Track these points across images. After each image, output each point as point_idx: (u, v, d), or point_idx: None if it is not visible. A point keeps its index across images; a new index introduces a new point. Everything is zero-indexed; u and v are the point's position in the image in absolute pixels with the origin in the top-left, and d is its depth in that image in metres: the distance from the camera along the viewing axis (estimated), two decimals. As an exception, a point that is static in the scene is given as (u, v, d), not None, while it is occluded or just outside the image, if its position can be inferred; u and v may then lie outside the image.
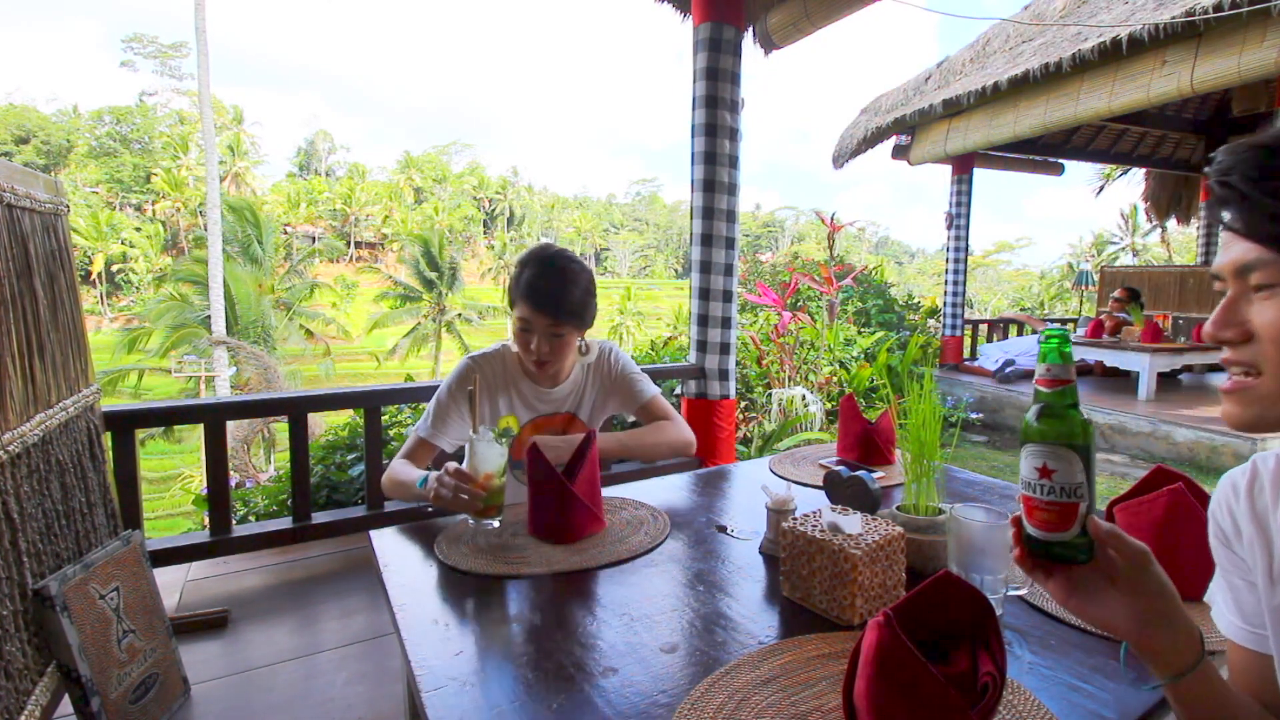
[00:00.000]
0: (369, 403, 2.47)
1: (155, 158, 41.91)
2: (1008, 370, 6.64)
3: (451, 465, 1.21)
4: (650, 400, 1.62)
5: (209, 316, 14.74)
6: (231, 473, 2.49)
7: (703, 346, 2.95)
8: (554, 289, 1.41)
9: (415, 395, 2.79)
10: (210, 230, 14.16)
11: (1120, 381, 6.51)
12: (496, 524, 1.24)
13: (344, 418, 3.25)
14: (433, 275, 27.19)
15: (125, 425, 2.06)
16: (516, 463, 1.52)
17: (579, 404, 1.61)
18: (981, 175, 7.27)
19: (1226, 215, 0.57)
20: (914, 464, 1.05)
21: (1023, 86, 5.26)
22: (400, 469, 1.42)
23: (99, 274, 34.78)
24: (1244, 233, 0.55)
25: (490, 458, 1.21)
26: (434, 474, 1.28)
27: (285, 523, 2.38)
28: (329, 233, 45.37)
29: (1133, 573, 0.62)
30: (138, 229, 36.97)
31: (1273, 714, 0.64)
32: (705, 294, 2.91)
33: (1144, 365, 5.62)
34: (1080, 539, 0.62)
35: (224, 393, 13.53)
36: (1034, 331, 8.05)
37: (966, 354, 7.73)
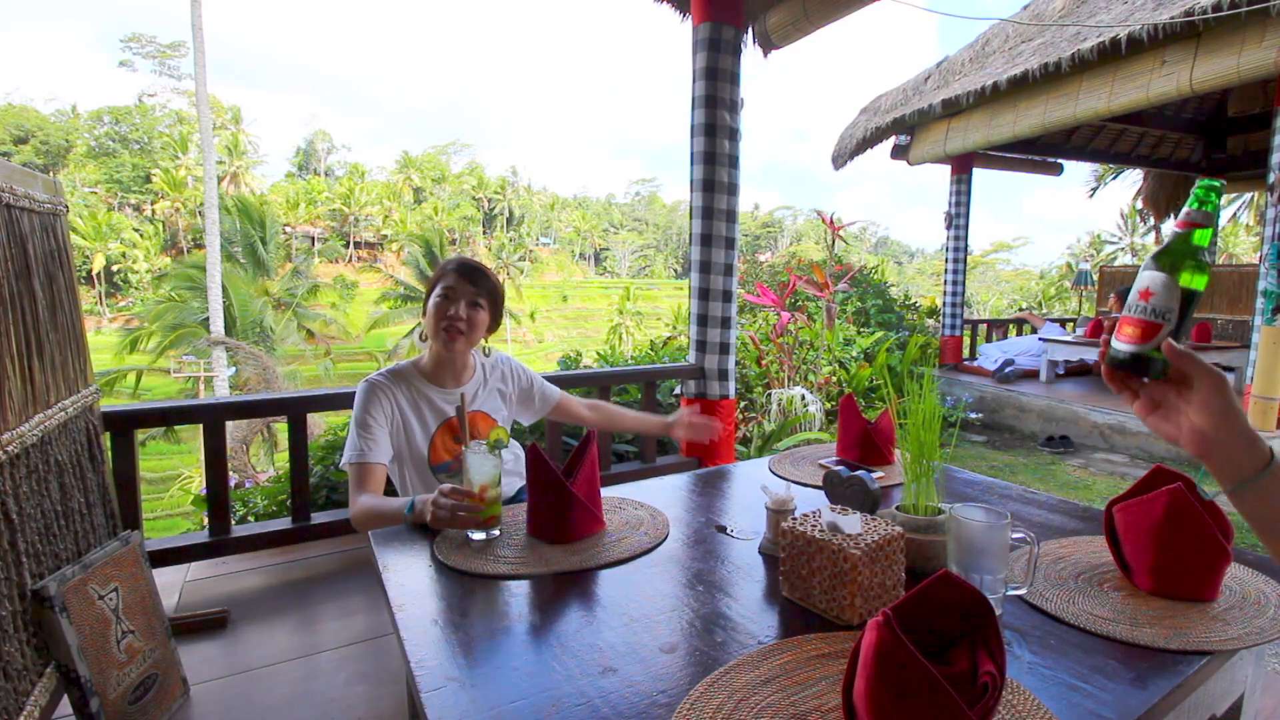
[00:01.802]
0: (368, 403, 2.46)
1: (154, 158, 41.88)
2: (1007, 370, 6.64)
3: (445, 486, 1.21)
4: (561, 397, 1.85)
5: (208, 317, 14.74)
6: (231, 473, 2.49)
7: (702, 346, 2.95)
8: (478, 266, 1.63)
9: (415, 395, 2.79)
10: (208, 230, 14.16)
11: (1119, 381, 6.51)
12: (498, 533, 1.24)
13: (343, 418, 3.25)
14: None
15: (124, 425, 2.05)
16: (436, 468, 1.60)
17: (485, 401, 1.70)
18: (981, 175, 7.27)
19: None
20: (913, 464, 1.05)
21: (1022, 86, 5.27)
22: (371, 503, 1.40)
23: (98, 274, 34.75)
24: None
25: (484, 469, 1.22)
26: (421, 497, 1.27)
27: (285, 523, 2.38)
28: (328, 233, 45.35)
29: (1206, 394, 0.66)
30: (137, 229, 36.94)
31: None
32: (705, 294, 2.91)
33: (1143, 365, 5.61)
34: (1156, 353, 0.67)
35: (223, 393, 13.52)
36: (1033, 330, 8.05)
37: (966, 354, 7.73)
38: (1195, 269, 0.67)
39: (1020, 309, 9.26)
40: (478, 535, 1.23)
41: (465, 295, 1.57)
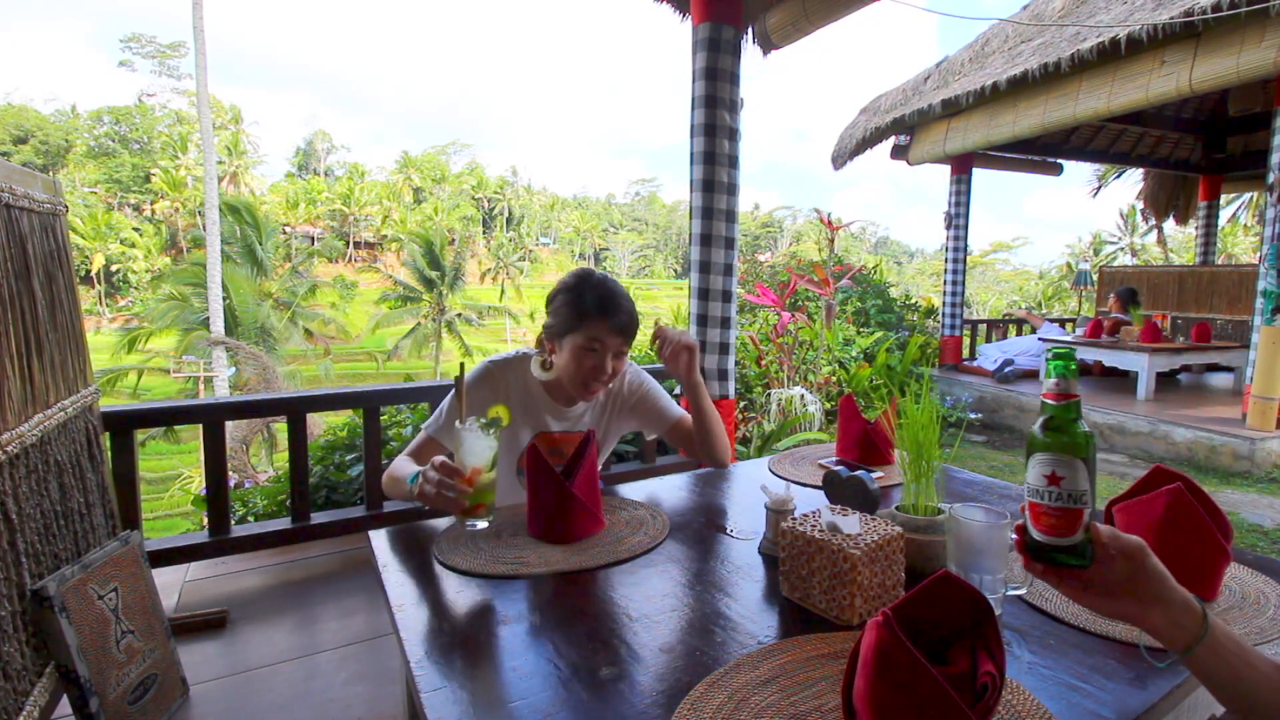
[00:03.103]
0: (368, 403, 2.47)
1: (154, 158, 41.87)
2: (1007, 370, 6.64)
3: (438, 458, 1.13)
4: (678, 420, 1.59)
5: (208, 317, 14.75)
6: (230, 473, 2.49)
7: (702, 346, 2.94)
8: (627, 310, 1.41)
9: (414, 396, 2.79)
10: (208, 230, 14.17)
11: (1119, 381, 6.51)
12: (483, 524, 1.18)
13: (343, 418, 3.25)
14: (433, 275, 27.19)
15: (124, 426, 2.05)
16: (521, 470, 1.46)
17: (595, 422, 1.57)
18: (980, 175, 7.28)
19: None
20: (913, 464, 1.05)
21: (1022, 86, 5.27)
22: (400, 465, 1.36)
23: (98, 274, 34.74)
24: None
25: (477, 450, 1.14)
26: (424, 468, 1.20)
27: (284, 523, 2.38)
28: (328, 233, 45.35)
29: (1131, 566, 0.67)
30: (137, 229, 36.94)
31: None
32: (704, 294, 2.91)
33: (1143, 365, 5.62)
34: (1083, 542, 0.67)
35: (223, 393, 13.52)
36: (1033, 330, 8.05)
37: (965, 354, 7.74)
38: (1085, 436, 0.68)
39: (1020, 309, 9.25)
40: (466, 523, 1.17)
41: (613, 348, 1.40)
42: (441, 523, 1.26)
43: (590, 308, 1.38)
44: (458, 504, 1.13)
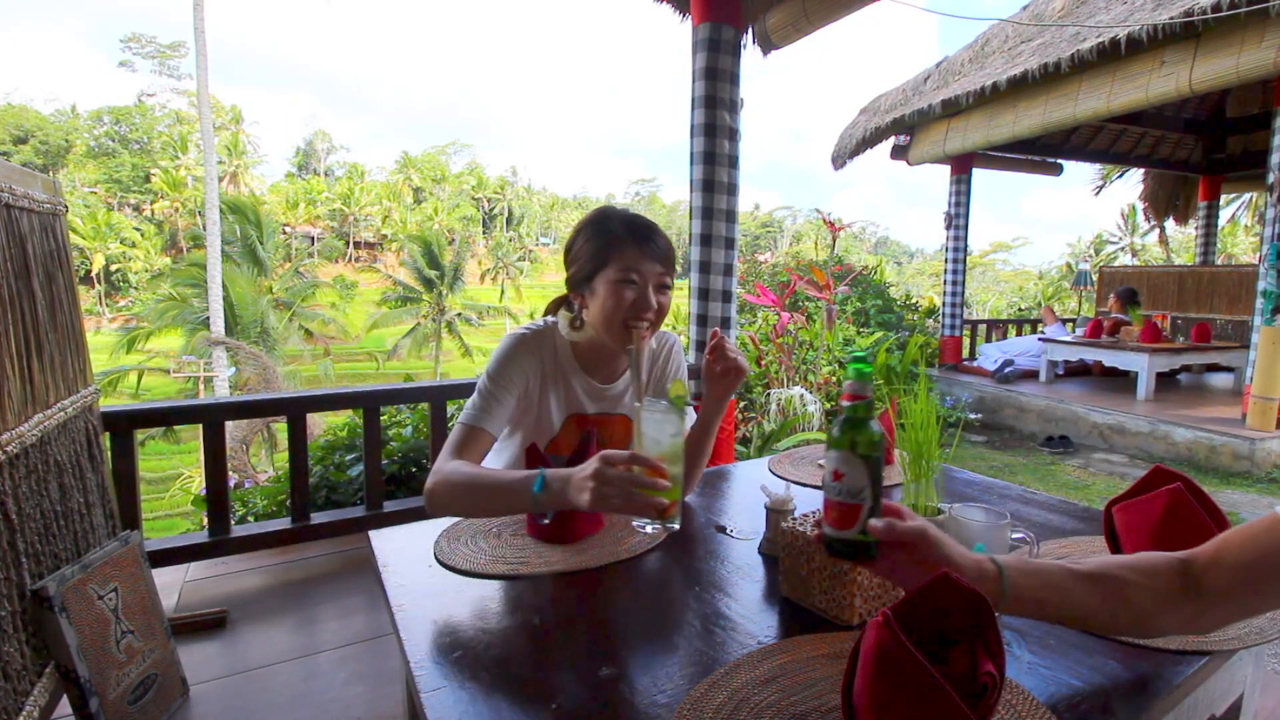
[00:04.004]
0: (368, 403, 2.47)
1: (154, 158, 41.89)
2: (1007, 370, 6.64)
3: (614, 452, 0.90)
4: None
5: (208, 316, 14.75)
6: (230, 473, 2.49)
7: (702, 347, 2.94)
8: (664, 235, 1.22)
9: (414, 395, 2.79)
10: (209, 230, 14.18)
11: (1119, 381, 6.52)
12: (677, 526, 0.99)
13: (343, 418, 3.25)
14: (433, 275, 27.19)
15: (124, 426, 2.05)
16: (555, 458, 1.24)
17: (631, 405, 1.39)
18: (980, 175, 7.28)
19: None
20: (913, 464, 1.05)
21: (1022, 87, 5.27)
22: (469, 470, 1.09)
23: (98, 274, 34.75)
24: None
25: (666, 434, 0.93)
26: (558, 471, 0.97)
27: (284, 523, 2.38)
28: (328, 233, 45.35)
29: (918, 550, 0.72)
30: (137, 229, 36.94)
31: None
32: (704, 294, 2.91)
33: (1143, 365, 5.62)
34: (863, 537, 0.73)
35: (223, 393, 13.52)
36: (1033, 331, 8.05)
37: (965, 354, 7.74)
38: (870, 438, 0.73)
39: (1042, 306, 9.21)
40: (650, 526, 0.99)
41: (653, 277, 1.21)
42: (442, 523, 1.26)
43: (620, 234, 1.20)
44: (654, 504, 0.89)
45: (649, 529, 1.01)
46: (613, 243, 1.21)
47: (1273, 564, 0.71)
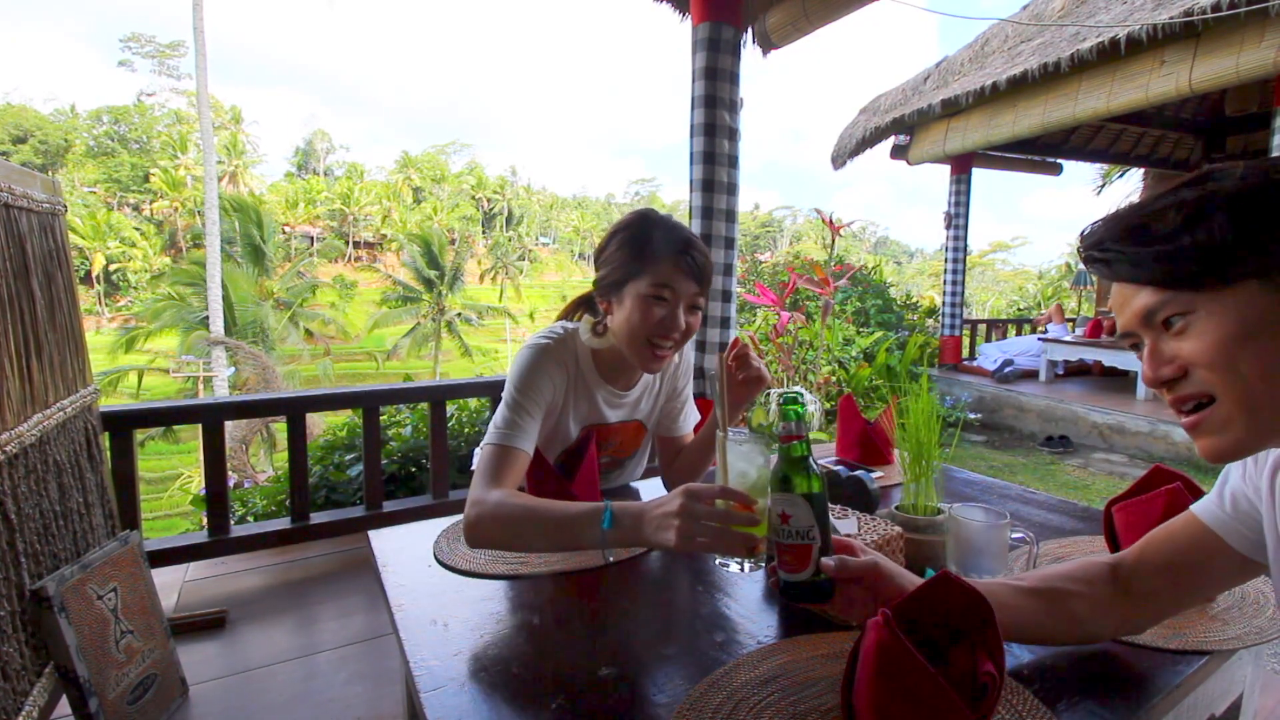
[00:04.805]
0: (367, 403, 2.47)
1: (153, 157, 41.88)
2: (1006, 370, 6.65)
3: (700, 486, 0.83)
4: (685, 435, 1.40)
5: (207, 316, 14.75)
6: (230, 473, 2.49)
7: (701, 346, 2.94)
8: (703, 251, 1.16)
9: (414, 395, 2.79)
10: (208, 230, 14.18)
11: (1119, 381, 6.52)
12: (764, 564, 0.90)
13: (342, 418, 3.25)
14: (433, 275, 27.19)
15: (123, 425, 2.05)
16: None
17: (650, 409, 1.37)
18: (980, 175, 7.28)
19: (1114, 275, 0.64)
20: (913, 464, 1.05)
21: (1021, 86, 5.27)
22: (521, 504, 0.98)
23: (98, 274, 34.74)
24: (1139, 281, 0.62)
25: (753, 467, 0.87)
26: (628, 505, 0.88)
27: (284, 523, 2.38)
28: (328, 233, 45.34)
29: (873, 582, 0.73)
30: (137, 229, 36.93)
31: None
32: (704, 294, 2.90)
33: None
34: (818, 576, 0.73)
35: (222, 393, 13.51)
36: (1033, 331, 8.05)
37: (965, 354, 7.74)
38: (808, 476, 0.73)
39: (1051, 305, 9.21)
40: (737, 564, 0.92)
41: (686, 297, 1.15)
42: (443, 522, 1.26)
43: (658, 246, 1.13)
44: (747, 541, 0.80)
45: (734, 567, 0.95)
46: (648, 253, 1.14)
47: (1189, 561, 0.74)
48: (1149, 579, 0.76)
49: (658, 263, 1.13)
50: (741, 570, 0.97)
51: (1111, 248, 0.62)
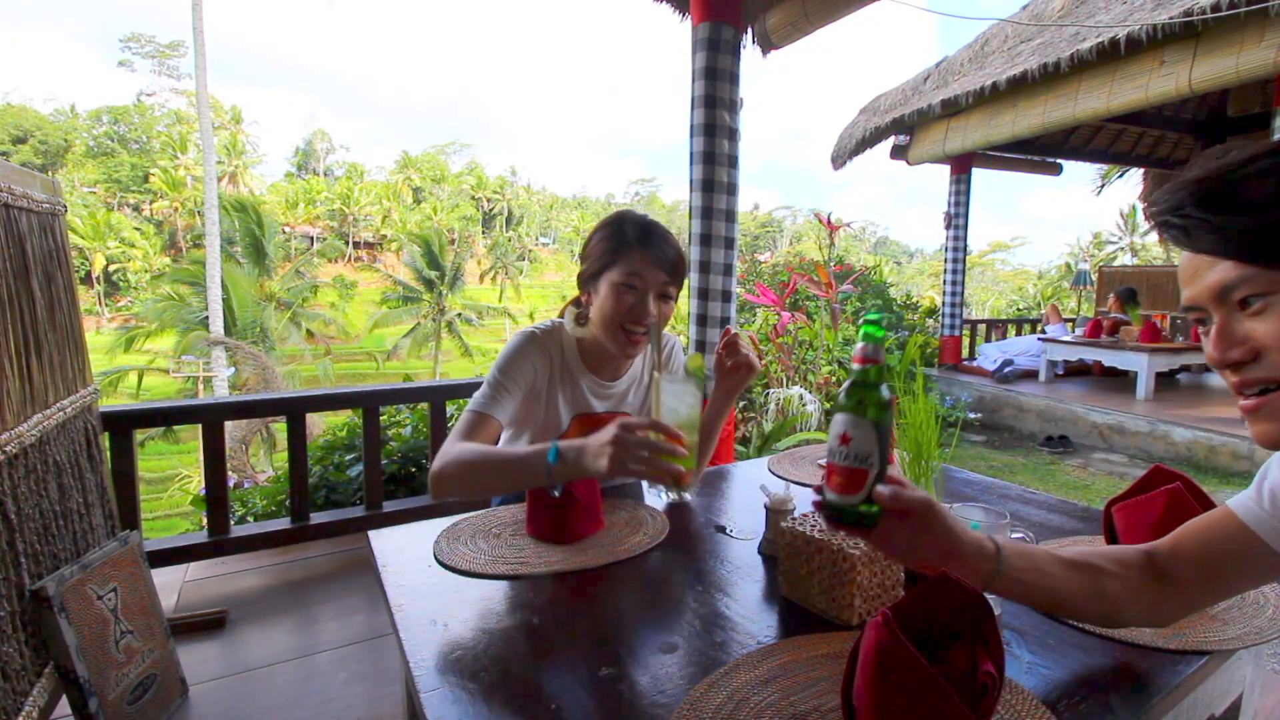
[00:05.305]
0: (367, 403, 2.47)
1: (153, 158, 41.87)
2: (1006, 370, 6.64)
3: (635, 419, 0.94)
4: None
5: (207, 316, 14.75)
6: (230, 473, 2.49)
7: (701, 346, 2.94)
8: (674, 246, 1.26)
9: (414, 395, 2.79)
10: (208, 230, 14.18)
11: (1119, 381, 6.52)
12: (690, 496, 1.03)
13: (342, 418, 3.25)
14: (433, 275, 27.18)
15: (123, 426, 2.05)
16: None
17: (636, 406, 1.42)
18: (980, 175, 7.28)
19: (1192, 244, 0.59)
20: (912, 464, 1.05)
21: (1021, 87, 5.27)
22: (479, 449, 1.11)
23: (98, 274, 34.73)
24: (1219, 254, 0.57)
25: (684, 403, 0.96)
26: (572, 442, 0.99)
27: (284, 523, 2.38)
28: (327, 233, 45.33)
29: (922, 521, 0.71)
30: (136, 229, 36.92)
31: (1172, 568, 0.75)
32: (704, 294, 2.91)
33: (1142, 365, 5.63)
34: (868, 504, 0.70)
35: (222, 393, 13.51)
36: (1033, 331, 8.05)
37: (965, 354, 7.74)
38: (879, 402, 0.70)
39: (1049, 304, 9.21)
40: (665, 494, 1.01)
41: (654, 285, 1.23)
42: (443, 522, 1.26)
43: (630, 239, 1.24)
44: (672, 471, 0.92)
45: (663, 496, 1.04)
46: (622, 245, 1.24)
47: (1222, 556, 0.73)
48: (1182, 569, 0.74)
49: (629, 253, 1.23)
50: (668, 498, 1.05)
51: (1193, 214, 0.56)
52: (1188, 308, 0.62)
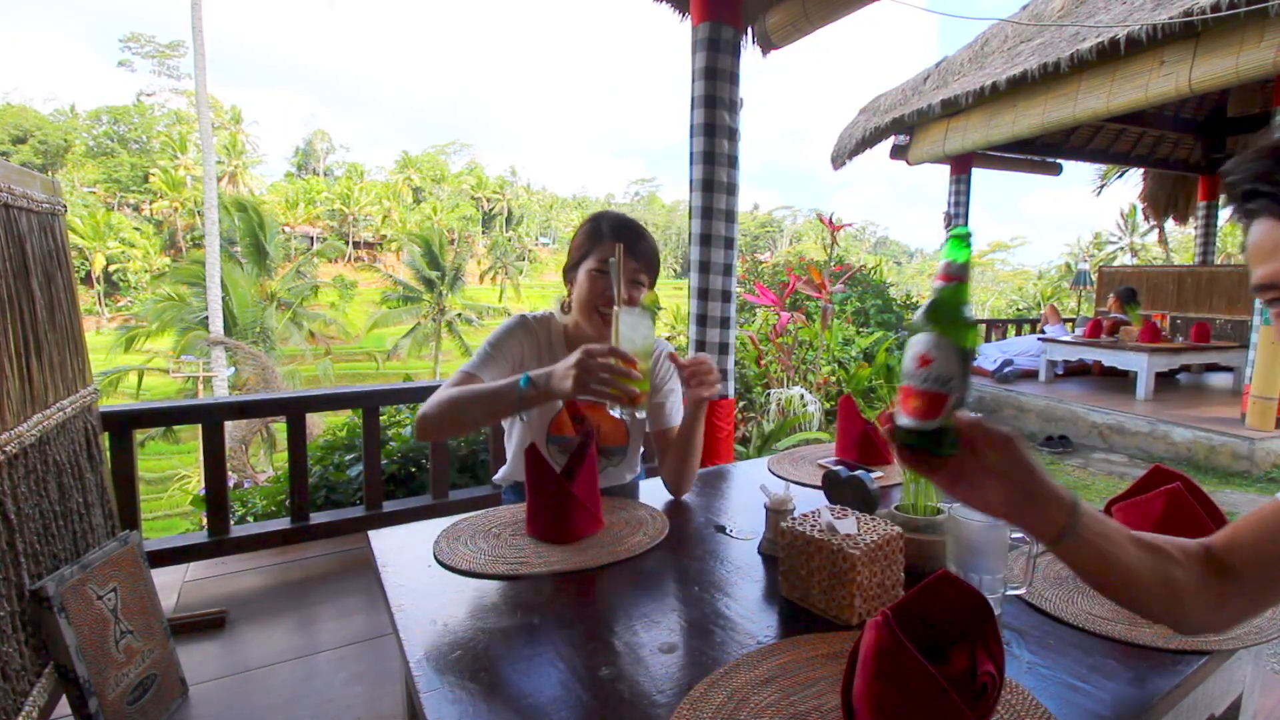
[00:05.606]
0: (367, 403, 2.47)
1: (153, 158, 41.86)
2: (1006, 370, 6.64)
3: (594, 346, 1.06)
4: (674, 428, 1.45)
5: (207, 316, 14.75)
6: (230, 473, 2.49)
7: (701, 346, 2.94)
8: (647, 238, 1.39)
9: (414, 395, 2.79)
10: (207, 230, 14.18)
11: (1118, 381, 6.52)
12: (644, 415, 1.12)
13: (342, 418, 3.25)
14: (433, 275, 27.17)
15: (123, 426, 2.05)
16: (554, 437, 1.41)
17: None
18: (980, 175, 7.28)
19: (1276, 214, 0.54)
20: (913, 464, 1.05)
21: (1021, 87, 5.27)
22: (462, 388, 1.24)
23: (98, 274, 34.72)
24: None
25: (638, 334, 1.08)
26: (542, 370, 1.12)
27: (283, 523, 2.38)
28: (327, 233, 45.33)
29: (1001, 457, 0.65)
30: (136, 229, 36.91)
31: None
32: (704, 294, 2.91)
33: (1142, 365, 5.63)
34: (947, 428, 0.64)
35: (222, 393, 13.51)
36: (1033, 331, 8.05)
37: (965, 354, 7.72)
38: (967, 326, 0.64)
39: (1048, 305, 9.21)
40: (622, 413, 1.11)
41: (627, 271, 1.33)
42: (442, 522, 1.26)
43: (605, 232, 1.36)
44: (627, 391, 1.05)
45: (619, 414, 1.20)
46: (597, 237, 1.37)
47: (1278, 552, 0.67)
48: (1241, 564, 0.68)
49: (603, 242, 1.35)
50: (622, 417, 1.19)
51: None
52: (1263, 285, 0.57)
